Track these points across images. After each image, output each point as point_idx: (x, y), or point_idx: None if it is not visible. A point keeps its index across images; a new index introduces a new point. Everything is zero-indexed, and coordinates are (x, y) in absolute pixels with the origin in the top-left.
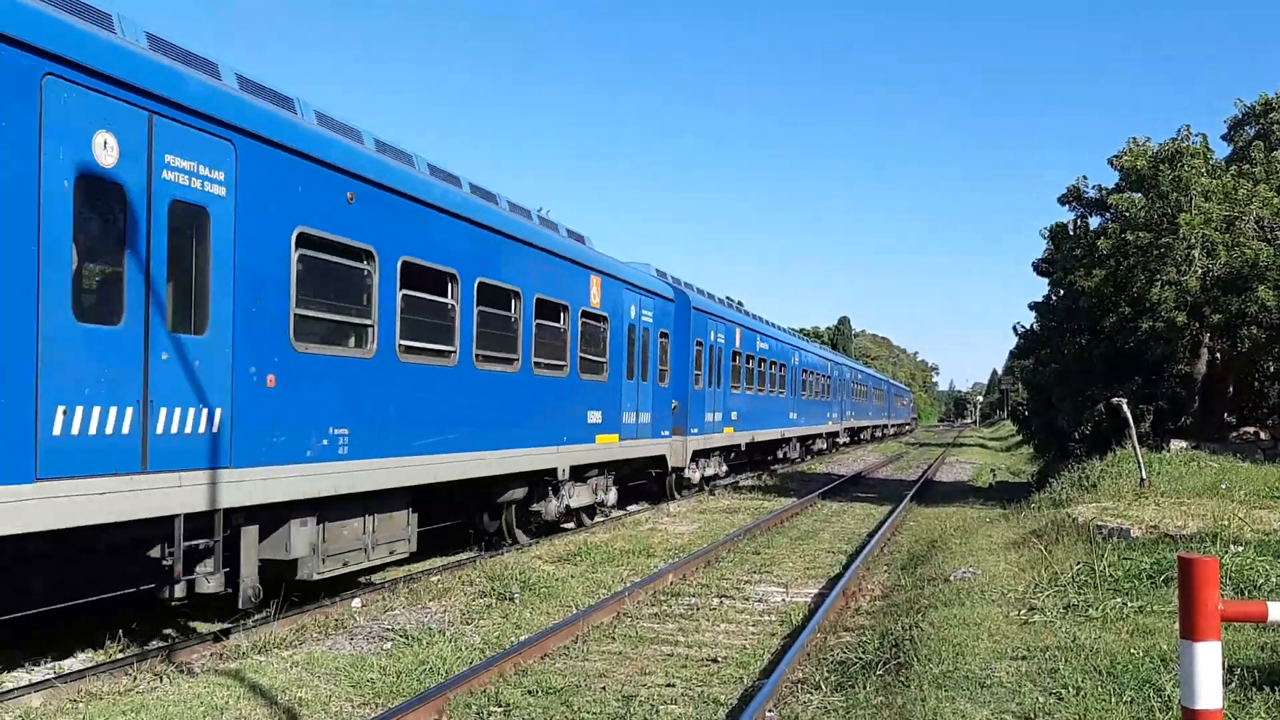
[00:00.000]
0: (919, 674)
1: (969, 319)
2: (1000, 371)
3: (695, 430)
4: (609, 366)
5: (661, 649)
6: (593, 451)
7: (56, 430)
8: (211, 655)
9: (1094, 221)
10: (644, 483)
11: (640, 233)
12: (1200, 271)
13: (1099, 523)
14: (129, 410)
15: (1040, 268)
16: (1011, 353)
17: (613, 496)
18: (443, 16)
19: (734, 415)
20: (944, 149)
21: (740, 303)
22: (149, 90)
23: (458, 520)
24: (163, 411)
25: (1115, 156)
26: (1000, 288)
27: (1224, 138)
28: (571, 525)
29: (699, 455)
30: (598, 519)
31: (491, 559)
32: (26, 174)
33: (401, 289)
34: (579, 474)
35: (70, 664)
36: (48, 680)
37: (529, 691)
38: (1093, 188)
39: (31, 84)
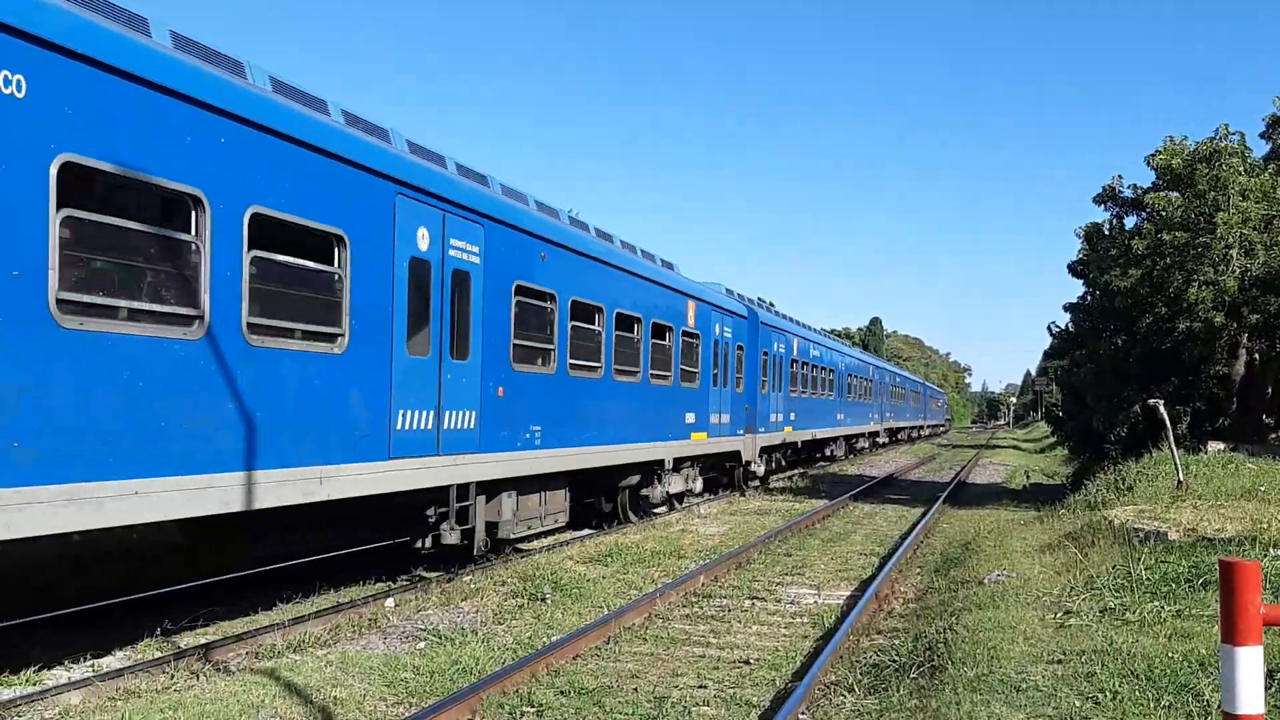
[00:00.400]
0: (953, 677)
1: (1002, 320)
2: (1034, 373)
3: (762, 429)
4: (700, 375)
5: (693, 650)
6: (689, 446)
7: (399, 426)
8: (247, 654)
9: (1129, 221)
10: (715, 475)
11: (665, 230)
12: (1238, 271)
13: (1135, 525)
14: (431, 413)
15: (1075, 268)
16: (1046, 353)
17: (699, 485)
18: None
19: (792, 416)
20: (975, 149)
21: (771, 303)
22: (443, 195)
23: (583, 500)
24: (447, 414)
25: (1151, 155)
26: (1034, 288)
27: (1262, 136)
28: (663, 509)
29: (764, 451)
30: (686, 503)
31: (522, 560)
32: (386, 260)
33: (571, 321)
34: (677, 465)
35: (109, 662)
36: (87, 679)
37: (561, 692)
38: (1128, 187)
39: (389, 202)
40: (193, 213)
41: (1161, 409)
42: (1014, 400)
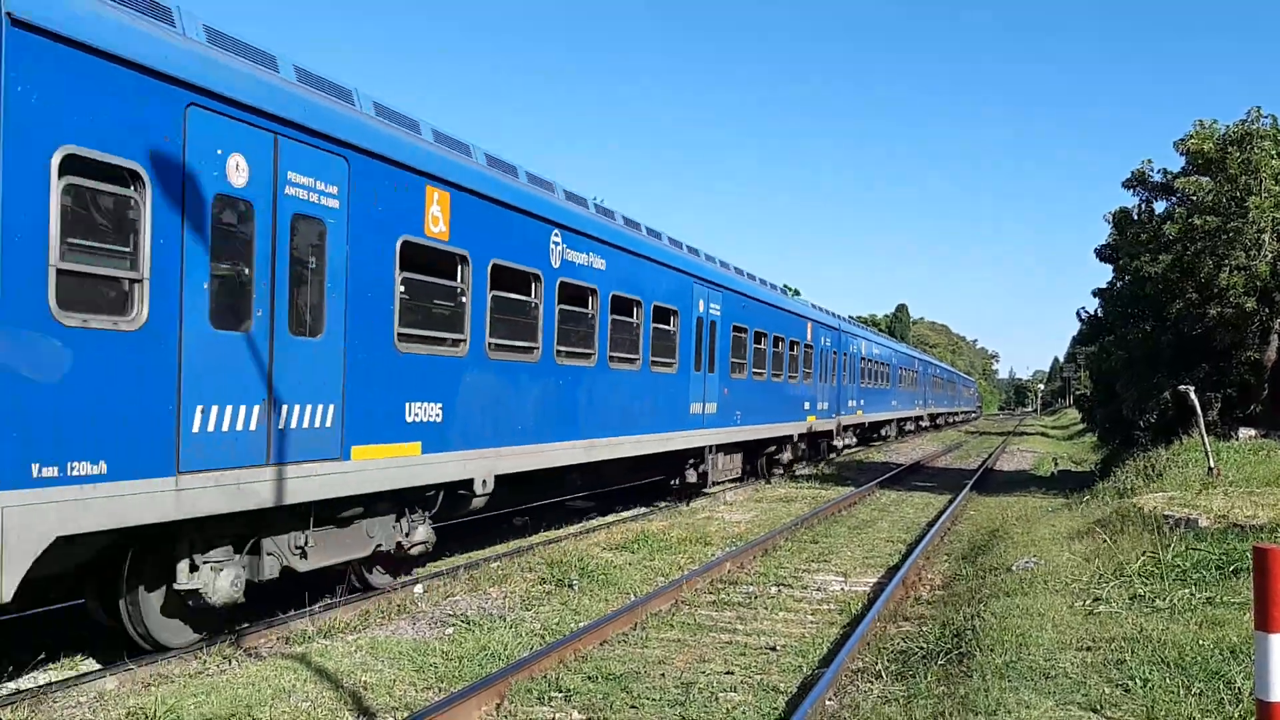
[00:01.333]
0: (981, 664)
1: (1030, 306)
2: (1062, 359)
3: (843, 413)
4: (813, 375)
5: (720, 637)
6: (805, 425)
7: (690, 411)
8: (278, 639)
9: (1159, 206)
10: (806, 448)
11: (694, 217)
12: (1270, 256)
13: (1165, 512)
14: (700, 404)
15: (1104, 254)
16: (1074, 338)
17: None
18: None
19: (861, 403)
20: (1002, 135)
21: (798, 291)
22: (707, 279)
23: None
24: (705, 404)
25: (1181, 140)
26: (1061, 273)
27: None
28: (780, 472)
29: (843, 430)
30: (798, 471)
31: (549, 546)
32: (690, 320)
33: (753, 344)
34: (798, 439)
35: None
36: (121, 663)
37: (589, 677)
38: (1158, 171)
39: (691, 287)
40: (634, 308)
41: (1192, 395)
42: (1042, 387)
